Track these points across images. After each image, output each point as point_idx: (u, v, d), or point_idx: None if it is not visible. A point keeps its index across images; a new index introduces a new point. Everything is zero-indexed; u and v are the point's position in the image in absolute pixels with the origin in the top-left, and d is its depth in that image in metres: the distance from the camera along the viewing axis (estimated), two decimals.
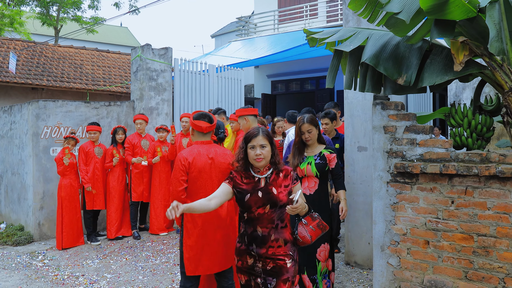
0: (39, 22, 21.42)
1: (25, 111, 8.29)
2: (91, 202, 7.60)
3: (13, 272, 6.36)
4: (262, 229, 3.23)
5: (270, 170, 3.32)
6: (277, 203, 3.21)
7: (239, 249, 3.33)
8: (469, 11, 3.45)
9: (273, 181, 3.28)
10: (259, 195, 3.21)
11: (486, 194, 3.50)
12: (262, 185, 3.26)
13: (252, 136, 3.26)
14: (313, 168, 4.42)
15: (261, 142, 3.23)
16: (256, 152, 3.21)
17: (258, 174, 3.30)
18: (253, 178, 3.29)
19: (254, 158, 3.22)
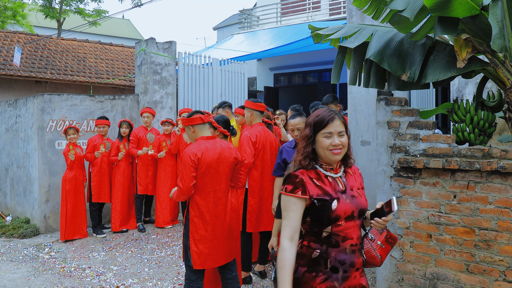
0: (41, 15, 21.43)
1: (30, 104, 8.36)
2: (97, 195, 7.69)
3: (20, 264, 6.45)
4: (351, 248, 2.46)
5: (342, 166, 2.59)
6: (364, 211, 2.55)
7: (312, 279, 2.42)
8: (472, 8, 3.50)
9: (349, 181, 2.57)
10: (346, 201, 2.44)
11: (487, 189, 3.56)
12: (342, 187, 2.50)
13: (327, 120, 2.48)
14: None
15: (339, 129, 2.48)
16: (335, 142, 2.44)
17: (331, 172, 2.53)
18: (325, 178, 2.49)
19: (330, 149, 2.44)
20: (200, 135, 4.20)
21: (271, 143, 5.49)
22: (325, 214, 2.39)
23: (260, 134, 5.36)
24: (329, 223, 2.40)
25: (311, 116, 2.57)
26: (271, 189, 5.34)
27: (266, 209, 5.29)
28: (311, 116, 2.57)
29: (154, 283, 5.61)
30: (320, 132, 2.47)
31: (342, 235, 2.42)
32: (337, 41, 4.55)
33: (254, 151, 5.30)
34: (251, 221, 5.30)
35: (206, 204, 4.09)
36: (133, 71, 14.64)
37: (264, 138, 5.39)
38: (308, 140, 2.51)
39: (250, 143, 5.26)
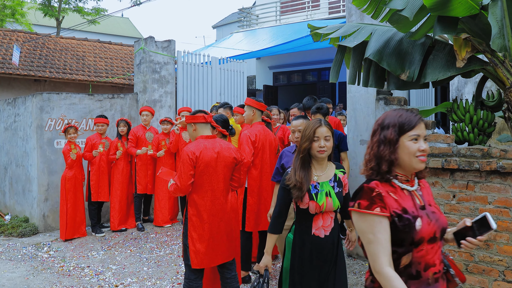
0: (40, 13, 21.39)
1: (29, 103, 8.34)
2: (96, 194, 7.68)
3: (19, 263, 6.45)
4: (434, 277, 2.07)
5: (415, 178, 2.20)
6: (445, 230, 2.15)
7: None
8: (471, 8, 3.49)
9: (425, 195, 2.18)
10: (428, 219, 2.06)
11: (487, 189, 3.56)
12: (420, 203, 2.11)
13: (416, 121, 2.10)
14: (335, 201, 3.11)
15: (425, 132, 2.11)
16: (423, 147, 2.06)
17: (407, 184, 2.14)
18: (402, 192, 2.11)
19: (417, 155, 2.05)
20: (200, 134, 4.21)
21: (271, 142, 5.48)
22: (407, 236, 1.98)
23: (259, 133, 5.36)
24: (411, 248, 2.00)
25: (390, 116, 2.17)
26: (270, 188, 5.33)
27: (265, 209, 5.28)
28: (390, 116, 2.17)
29: (153, 282, 5.60)
30: (405, 134, 2.08)
31: (424, 262, 2.02)
32: (336, 40, 4.54)
33: (254, 150, 5.29)
34: (250, 220, 5.30)
35: (203, 203, 4.09)
36: (132, 69, 14.63)
37: (263, 137, 5.38)
38: (392, 145, 2.08)
39: (250, 142, 5.25)
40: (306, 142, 3.09)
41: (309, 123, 3.17)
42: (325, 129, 3.09)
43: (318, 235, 3.12)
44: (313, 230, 3.12)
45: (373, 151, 2.14)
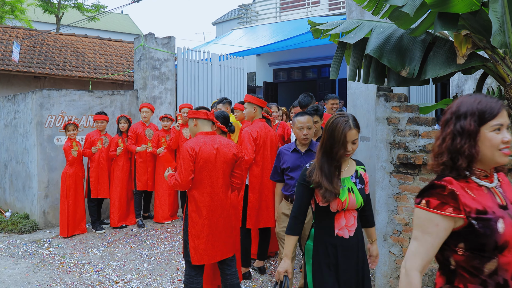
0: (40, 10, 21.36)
1: (29, 100, 8.34)
2: (95, 191, 7.68)
3: (19, 260, 6.46)
4: None
5: (494, 173, 1.94)
6: None
7: None
8: (472, 4, 3.48)
9: (506, 192, 1.93)
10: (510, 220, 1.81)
11: None
12: (502, 201, 1.86)
13: (496, 110, 1.82)
14: (358, 198, 2.90)
15: (508, 121, 1.86)
16: (507, 137, 1.81)
17: (486, 180, 1.89)
18: (479, 189, 1.86)
19: (500, 148, 1.81)
20: (201, 130, 4.22)
21: (272, 139, 5.48)
22: (489, 240, 1.74)
23: (261, 130, 5.36)
24: (495, 253, 1.76)
25: (466, 103, 1.87)
26: (271, 185, 5.34)
27: (266, 206, 5.28)
28: (466, 103, 1.87)
29: (154, 279, 5.61)
30: (486, 124, 1.81)
31: (507, 269, 1.77)
32: (337, 37, 4.54)
33: (255, 147, 5.29)
34: (251, 217, 5.30)
35: (203, 199, 4.11)
36: (132, 66, 14.61)
37: (264, 134, 5.38)
38: (472, 137, 1.81)
39: (251, 139, 5.25)
40: (339, 147, 2.81)
41: (335, 123, 2.85)
42: (354, 132, 2.85)
43: (342, 235, 2.88)
44: (336, 230, 2.88)
45: (446, 144, 1.86)
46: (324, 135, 2.89)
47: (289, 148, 4.51)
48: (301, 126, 4.28)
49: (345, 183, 2.91)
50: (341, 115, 2.89)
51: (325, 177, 2.82)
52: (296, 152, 4.44)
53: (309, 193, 2.94)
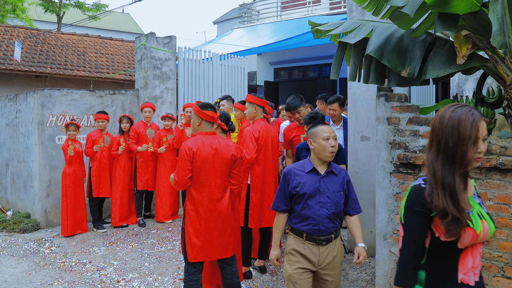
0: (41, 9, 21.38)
1: (31, 99, 8.36)
2: (97, 190, 7.70)
3: (21, 259, 6.48)
4: None
5: None
6: None
7: None
8: (472, 5, 3.49)
9: None
10: None
11: (487, 185, 3.57)
12: None
13: None
14: (491, 226, 2.10)
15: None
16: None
17: None
18: None
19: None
20: (203, 129, 4.25)
21: (273, 138, 5.51)
22: None
23: (262, 129, 5.38)
24: None
25: None
26: (273, 184, 5.36)
27: (268, 205, 5.30)
28: None
29: (155, 278, 5.63)
30: None
31: None
32: (337, 37, 4.55)
33: (257, 147, 5.31)
34: (253, 217, 5.32)
35: (200, 199, 4.15)
36: (133, 65, 14.63)
37: (266, 133, 5.40)
38: None
39: (253, 138, 5.28)
40: (468, 146, 1.99)
41: (458, 115, 2.02)
42: (485, 125, 2.04)
43: (467, 282, 2.08)
44: (460, 275, 2.07)
45: None
46: (438, 134, 2.05)
47: (303, 168, 3.48)
48: (327, 136, 3.37)
49: (472, 205, 2.08)
50: (455, 105, 2.08)
51: (450, 197, 1.97)
52: (314, 173, 3.43)
53: (427, 224, 2.05)
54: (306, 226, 3.39)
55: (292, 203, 3.47)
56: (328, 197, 3.40)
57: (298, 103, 5.74)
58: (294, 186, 3.42)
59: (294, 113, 5.76)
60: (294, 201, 3.46)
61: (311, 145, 3.46)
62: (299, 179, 3.43)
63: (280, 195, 3.52)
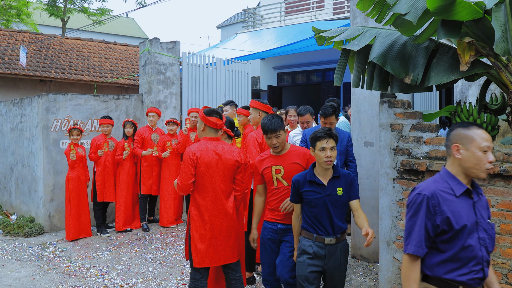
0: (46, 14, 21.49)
1: (35, 104, 8.41)
2: (101, 194, 7.73)
3: (25, 263, 6.50)
4: None
5: None
6: None
7: None
8: (475, 12, 3.51)
9: None
10: None
11: (490, 192, 3.58)
12: None
13: None
14: None
15: None
16: None
17: None
18: None
19: None
20: (207, 135, 4.27)
21: None
22: None
23: None
24: None
25: None
26: None
27: None
28: None
29: (158, 283, 5.65)
30: None
31: None
32: (340, 44, 4.57)
33: (260, 152, 5.32)
34: None
35: (205, 204, 4.17)
36: (137, 70, 14.69)
37: None
38: None
39: (256, 143, 5.29)
40: None
41: None
42: None
43: None
44: None
45: None
46: None
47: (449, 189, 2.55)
48: (487, 147, 2.49)
49: None
50: None
51: None
52: (467, 197, 2.54)
53: None
54: (466, 275, 2.46)
55: (438, 243, 2.52)
56: (485, 230, 2.52)
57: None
58: (446, 217, 2.46)
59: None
60: (441, 240, 2.50)
61: (458, 153, 2.52)
62: (452, 206, 2.48)
63: (420, 232, 2.49)
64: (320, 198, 3.54)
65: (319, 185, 3.56)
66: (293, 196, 3.73)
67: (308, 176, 3.62)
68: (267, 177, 4.17)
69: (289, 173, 4.03)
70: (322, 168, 3.57)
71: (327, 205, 3.54)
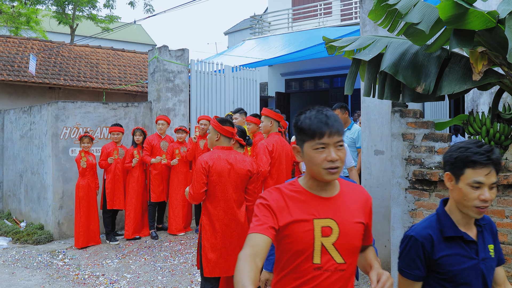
0: (55, 21, 21.63)
1: (45, 112, 8.45)
2: (111, 202, 7.74)
3: (35, 271, 6.51)
4: None
5: None
6: None
7: None
8: (488, 21, 3.48)
9: None
10: None
11: (504, 203, 3.54)
12: None
13: None
14: None
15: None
16: None
17: None
18: None
19: None
20: (220, 144, 4.27)
21: (287, 153, 5.52)
22: None
23: (276, 143, 5.41)
24: None
25: None
26: None
27: None
28: None
29: None
30: None
31: None
32: (351, 53, 4.55)
33: (271, 160, 5.32)
34: None
35: (216, 213, 4.16)
36: (145, 77, 14.73)
37: (280, 147, 5.42)
38: None
39: (267, 151, 5.30)
40: None
41: None
42: None
43: None
44: None
45: None
46: None
47: None
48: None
49: None
50: None
51: None
52: None
53: None
54: None
55: None
56: None
57: None
58: None
59: None
60: None
61: None
62: None
63: None
64: (474, 266, 2.14)
65: (467, 242, 2.16)
66: (414, 269, 2.18)
67: (446, 228, 2.17)
68: (297, 242, 1.98)
69: (347, 237, 2.00)
70: (466, 215, 2.15)
71: (484, 278, 2.17)
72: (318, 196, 2.02)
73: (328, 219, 1.98)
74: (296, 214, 1.97)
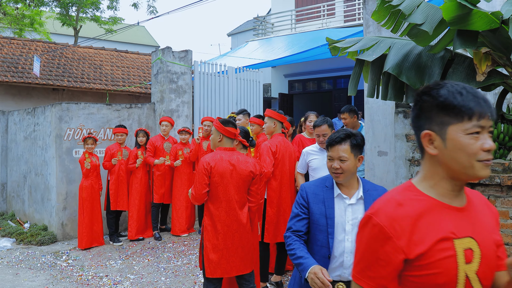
0: (58, 22, 21.70)
1: (48, 113, 8.47)
2: (115, 203, 7.76)
3: (38, 272, 6.52)
4: None
5: None
6: None
7: None
8: (492, 22, 3.48)
9: None
10: None
11: (508, 204, 3.53)
12: None
13: None
14: None
15: None
16: None
17: None
18: None
19: None
20: (223, 145, 4.27)
21: (290, 154, 5.51)
22: None
23: (280, 144, 5.40)
24: None
25: None
26: (289, 199, 5.35)
27: (284, 220, 5.29)
28: None
29: None
30: None
31: None
32: (355, 54, 4.55)
33: (274, 161, 5.32)
34: (269, 231, 5.31)
35: (218, 214, 4.16)
36: (148, 78, 14.76)
37: (284, 148, 5.41)
38: None
39: (270, 152, 5.29)
40: None
41: None
42: None
43: None
44: None
45: None
46: None
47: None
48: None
49: None
50: None
51: None
52: None
53: None
54: None
55: None
56: None
57: None
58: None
59: None
60: None
61: None
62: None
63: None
64: None
65: None
66: None
67: None
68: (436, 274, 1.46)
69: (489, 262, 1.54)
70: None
71: None
72: (451, 207, 1.51)
73: (469, 238, 1.48)
74: (432, 236, 1.44)
